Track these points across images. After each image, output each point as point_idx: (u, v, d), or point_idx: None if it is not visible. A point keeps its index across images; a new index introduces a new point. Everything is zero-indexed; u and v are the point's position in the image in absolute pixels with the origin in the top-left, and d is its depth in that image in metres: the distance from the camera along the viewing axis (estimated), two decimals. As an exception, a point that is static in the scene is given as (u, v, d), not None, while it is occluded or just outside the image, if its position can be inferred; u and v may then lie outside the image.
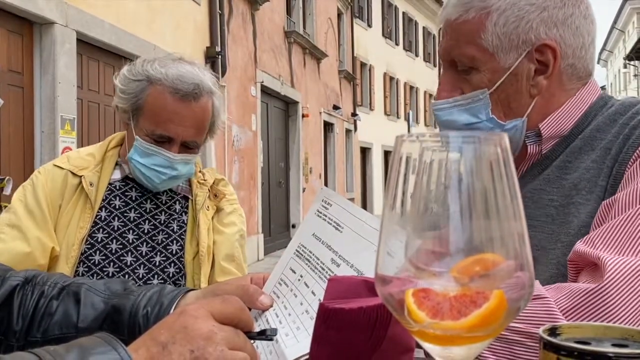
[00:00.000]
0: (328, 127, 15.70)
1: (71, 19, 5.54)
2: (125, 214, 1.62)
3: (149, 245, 1.61)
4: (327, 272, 0.82)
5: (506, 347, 0.81)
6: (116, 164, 1.67)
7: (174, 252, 1.62)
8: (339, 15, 16.66)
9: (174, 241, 1.63)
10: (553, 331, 0.52)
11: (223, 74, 8.78)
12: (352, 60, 17.47)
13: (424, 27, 24.32)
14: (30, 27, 5.33)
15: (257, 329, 0.74)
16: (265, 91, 11.11)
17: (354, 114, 17.59)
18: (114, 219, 1.61)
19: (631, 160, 0.95)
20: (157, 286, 0.96)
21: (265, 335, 0.72)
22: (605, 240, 0.85)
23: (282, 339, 0.79)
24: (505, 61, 1.04)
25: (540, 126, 1.06)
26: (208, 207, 1.68)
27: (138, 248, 1.60)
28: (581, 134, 1.06)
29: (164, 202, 1.66)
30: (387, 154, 21.26)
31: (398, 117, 22.47)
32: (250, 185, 10.18)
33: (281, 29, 12.05)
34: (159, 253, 1.61)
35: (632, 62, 33.09)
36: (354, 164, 18.26)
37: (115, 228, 1.60)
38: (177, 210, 1.66)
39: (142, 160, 1.56)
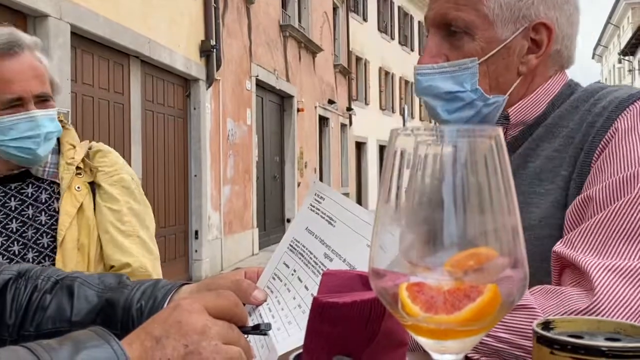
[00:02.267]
0: (323, 121, 15.69)
1: (65, 12, 5.50)
2: None
3: (20, 243, 1.57)
4: (320, 267, 0.82)
5: (495, 353, 0.81)
6: None
7: (45, 245, 1.58)
8: (335, 9, 16.63)
9: (44, 234, 1.58)
10: (546, 325, 0.52)
11: (218, 67, 8.75)
12: (347, 54, 17.45)
13: (419, 22, 24.26)
14: (23, 20, 5.29)
15: (250, 323, 0.74)
16: (260, 85, 11.09)
17: (349, 109, 17.58)
18: None
19: (598, 149, 0.93)
20: (152, 280, 0.95)
21: (260, 329, 0.72)
22: (585, 242, 0.85)
23: (274, 333, 0.79)
24: (502, 33, 1.03)
25: (509, 111, 1.06)
26: (79, 187, 1.62)
27: (9, 248, 1.56)
28: (544, 122, 1.05)
29: (29, 195, 1.61)
30: (382, 148, 21.24)
31: (393, 112, 22.46)
32: (245, 180, 10.17)
33: (276, 22, 12.01)
34: (30, 249, 1.57)
35: (626, 58, 33.15)
36: (349, 159, 18.26)
37: None
38: (44, 200, 1.61)
39: (9, 136, 1.53)
